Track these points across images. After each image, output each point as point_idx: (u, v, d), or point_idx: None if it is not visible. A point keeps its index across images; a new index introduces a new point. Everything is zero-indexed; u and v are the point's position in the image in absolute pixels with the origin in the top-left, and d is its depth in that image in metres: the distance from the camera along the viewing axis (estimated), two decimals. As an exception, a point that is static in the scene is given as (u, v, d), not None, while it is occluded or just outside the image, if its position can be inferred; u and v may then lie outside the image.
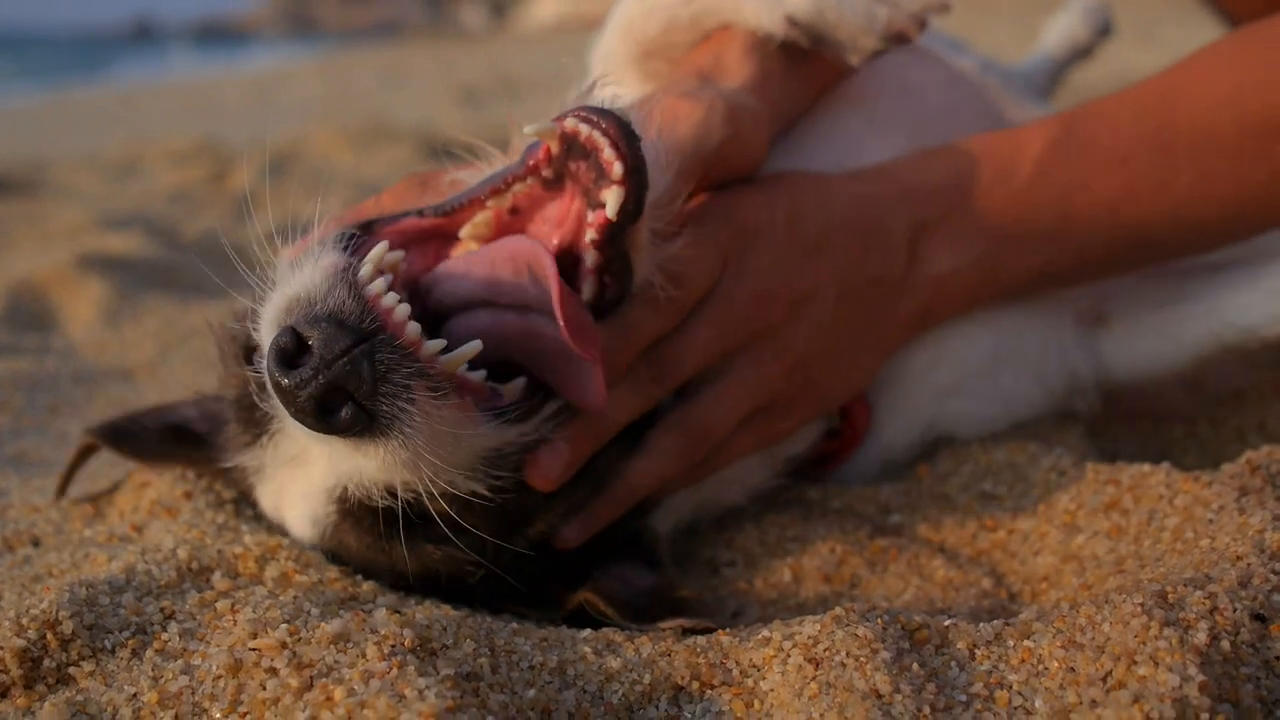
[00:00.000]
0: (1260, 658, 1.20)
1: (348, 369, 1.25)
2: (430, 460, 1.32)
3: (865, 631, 1.29)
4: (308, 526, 1.56)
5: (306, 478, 1.51)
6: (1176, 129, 1.72)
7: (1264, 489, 1.48)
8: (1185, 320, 1.91)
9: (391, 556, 1.47)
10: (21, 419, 2.56)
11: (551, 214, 1.46)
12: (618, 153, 1.35)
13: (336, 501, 1.48)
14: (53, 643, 1.34)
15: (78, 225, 4.55)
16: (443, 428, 1.32)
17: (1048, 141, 1.76)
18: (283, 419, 1.41)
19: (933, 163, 1.79)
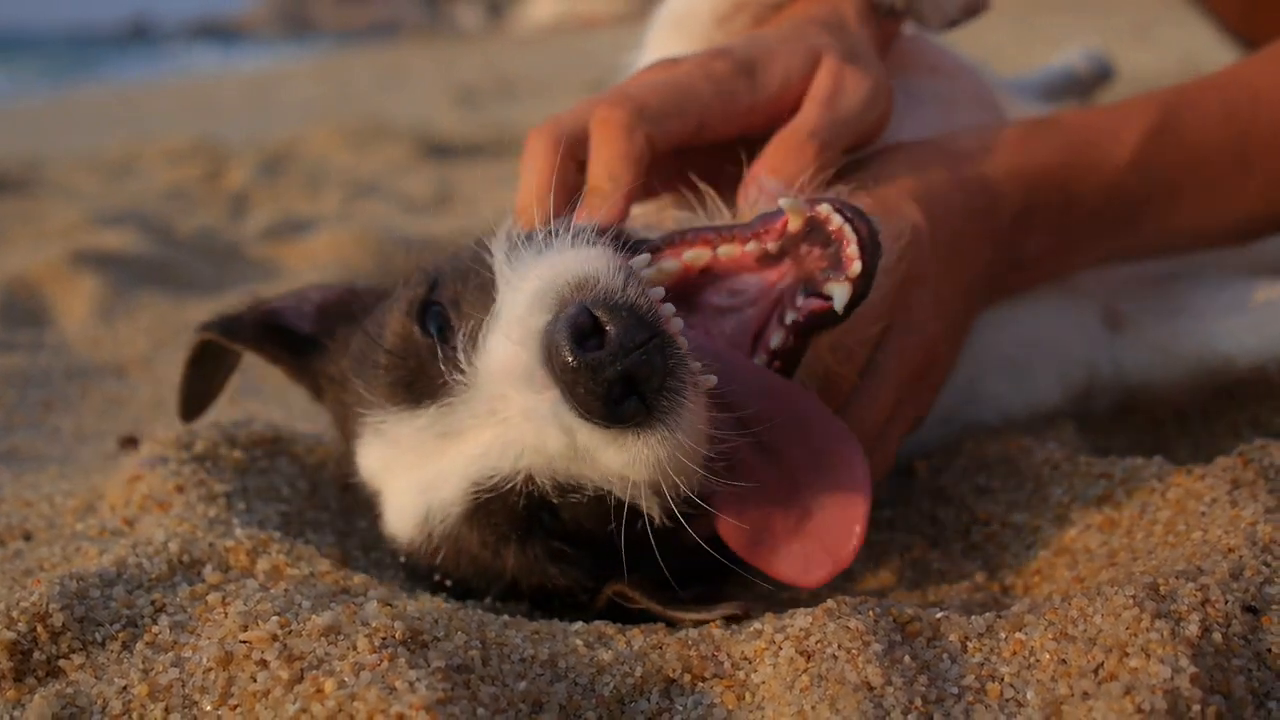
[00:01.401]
0: (1252, 649, 1.20)
1: (644, 359, 1.24)
2: (674, 467, 1.30)
3: (857, 624, 1.29)
4: (415, 519, 1.50)
5: (442, 462, 1.44)
6: (1258, 135, 1.76)
7: (1256, 482, 1.48)
8: (1178, 338, 1.95)
9: (505, 562, 1.46)
10: (14, 414, 2.55)
11: (743, 286, 1.46)
12: (862, 254, 1.36)
13: (474, 495, 1.43)
14: (43, 635, 1.34)
15: (73, 222, 4.55)
16: (694, 435, 1.31)
17: (1145, 132, 1.76)
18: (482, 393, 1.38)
19: (1038, 140, 1.77)
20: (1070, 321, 1.95)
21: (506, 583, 1.51)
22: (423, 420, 1.45)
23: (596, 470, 1.34)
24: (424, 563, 1.56)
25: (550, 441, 1.32)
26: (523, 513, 1.42)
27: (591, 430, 1.28)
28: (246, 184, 5.93)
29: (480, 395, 1.38)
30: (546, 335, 1.28)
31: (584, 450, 1.31)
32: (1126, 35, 6.92)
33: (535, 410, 1.31)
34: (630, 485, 1.33)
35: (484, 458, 1.39)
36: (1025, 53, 5.79)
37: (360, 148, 7.02)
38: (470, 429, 1.40)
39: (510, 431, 1.36)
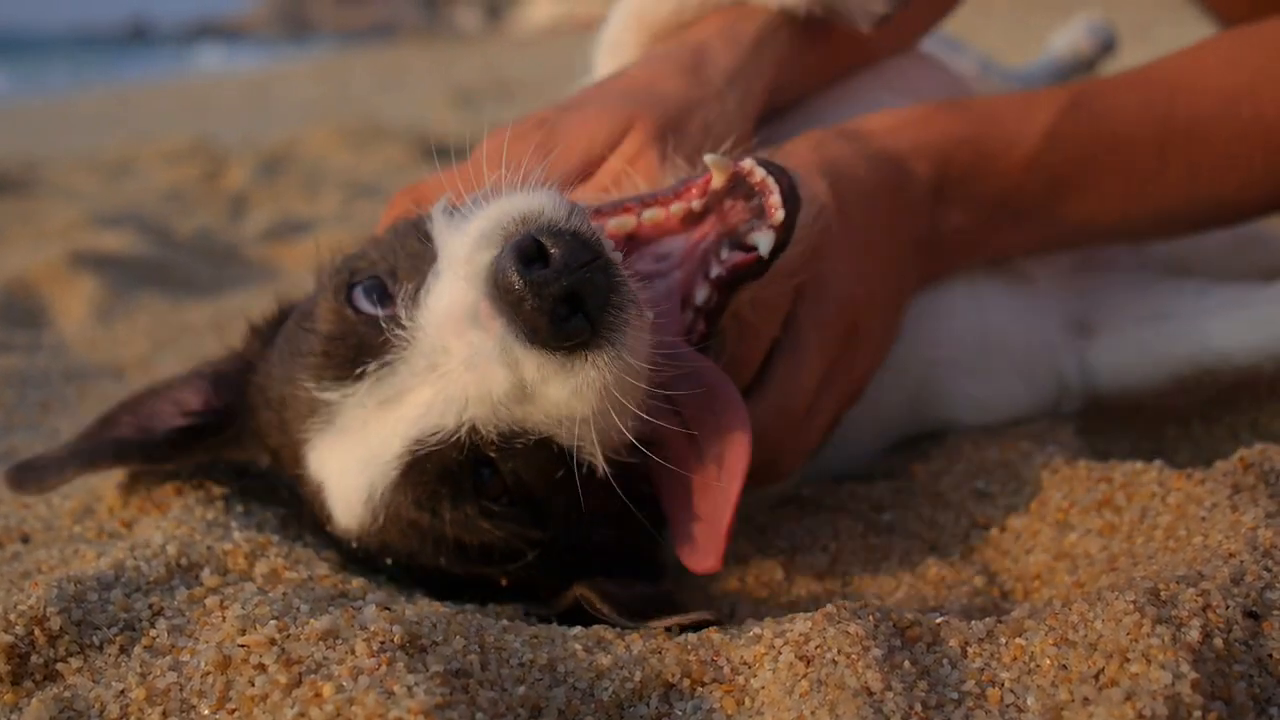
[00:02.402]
0: (1253, 655, 1.20)
1: (587, 277, 1.28)
2: (619, 394, 1.34)
3: (857, 629, 1.29)
4: (360, 498, 1.49)
5: (383, 431, 1.44)
6: (1175, 123, 1.79)
7: (1257, 486, 1.48)
8: (1167, 340, 1.95)
9: (442, 522, 1.45)
10: (13, 416, 2.55)
11: (669, 249, 1.50)
12: (784, 203, 1.41)
13: (410, 455, 1.43)
14: (40, 639, 1.34)
15: (71, 223, 4.55)
16: (638, 360, 1.34)
17: (1057, 112, 1.79)
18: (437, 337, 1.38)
19: (945, 116, 1.81)
20: (1032, 325, 1.96)
21: (448, 547, 1.49)
22: (362, 390, 1.45)
23: (542, 408, 1.36)
24: (373, 548, 1.56)
25: (495, 383, 1.34)
26: (459, 469, 1.43)
27: (538, 358, 1.31)
28: (245, 185, 5.93)
29: (420, 351, 1.40)
30: (493, 264, 1.31)
31: (530, 386, 1.34)
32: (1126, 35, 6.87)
33: (479, 350, 1.33)
34: (574, 424, 1.36)
35: (425, 416, 1.40)
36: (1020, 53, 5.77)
37: (359, 148, 7.02)
38: (411, 389, 1.41)
39: (452, 385, 1.38)
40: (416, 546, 1.51)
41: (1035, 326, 1.96)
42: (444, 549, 1.50)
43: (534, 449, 1.41)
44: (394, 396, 1.42)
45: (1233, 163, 1.80)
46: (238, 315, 3.21)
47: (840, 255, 1.65)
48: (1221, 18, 3.09)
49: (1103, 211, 1.84)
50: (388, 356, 1.42)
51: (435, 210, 1.50)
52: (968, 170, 1.77)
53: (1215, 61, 1.85)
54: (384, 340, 1.43)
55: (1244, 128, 1.78)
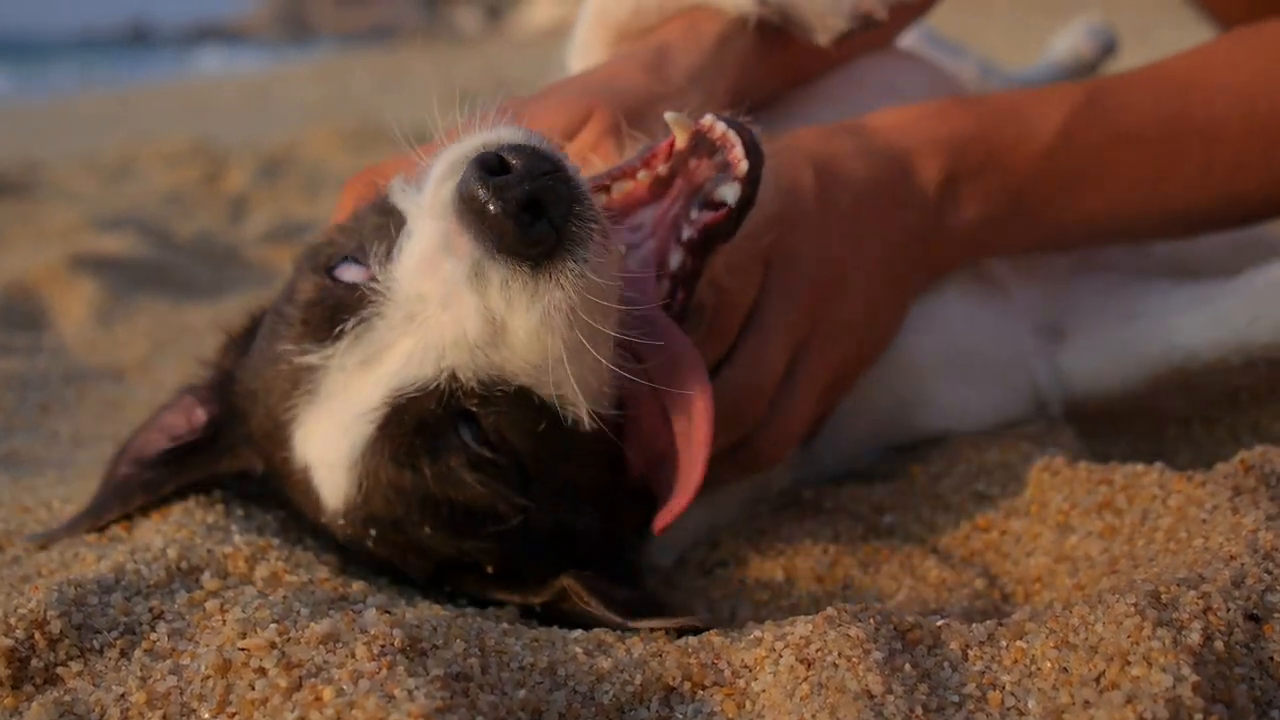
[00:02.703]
0: (1254, 658, 1.20)
1: (549, 184, 1.30)
2: (589, 323, 1.35)
3: (857, 632, 1.29)
4: (343, 466, 1.48)
5: (364, 391, 1.44)
6: (1189, 119, 1.79)
7: (1258, 488, 1.48)
8: (1136, 340, 1.94)
9: (424, 478, 1.45)
10: (13, 418, 2.55)
11: (641, 220, 1.51)
12: (747, 154, 1.43)
13: (387, 408, 1.43)
14: (41, 642, 1.34)
15: (71, 225, 4.55)
16: (607, 274, 1.36)
17: (1071, 109, 1.79)
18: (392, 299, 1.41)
19: (958, 112, 1.81)
20: (1004, 332, 1.95)
21: (430, 512, 1.48)
22: (342, 349, 1.45)
23: (515, 348, 1.37)
24: (359, 524, 1.53)
25: (468, 317, 1.36)
26: (437, 421, 1.42)
27: (504, 271, 1.32)
28: (245, 186, 5.93)
29: (396, 303, 1.41)
30: (457, 187, 1.33)
31: (498, 315, 1.35)
32: (1126, 38, 6.87)
33: (453, 282, 1.35)
34: (549, 369, 1.37)
35: (404, 368, 1.41)
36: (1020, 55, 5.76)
37: (359, 150, 7.01)
38: (390, 344, 1.42)
39: (430, 331, 1.39)
40: (400, 513, 1.49)
41: (1007, 333, 1.95)
42: (427, 514, 1.48)
43: (514, 400, 1.41)
44: (374, 354, 1.43)
45: (1250, 159, 1.79)
46: (238, 317, 3.22)
47: (813, 237, 1.65)
48: (1220, 20, 3.09)
49: (1116, 208, 1.84)
50: (365, 313, 1.44)
51: (392, 185, 1.52)
52: (980, 166, 1.77)
53: (1230, 58, 1.85)
54: (360, 298, 1.44)
55: (1261, 124, 1.78)
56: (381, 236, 1.47)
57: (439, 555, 1.54)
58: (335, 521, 1.56)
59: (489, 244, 1.32)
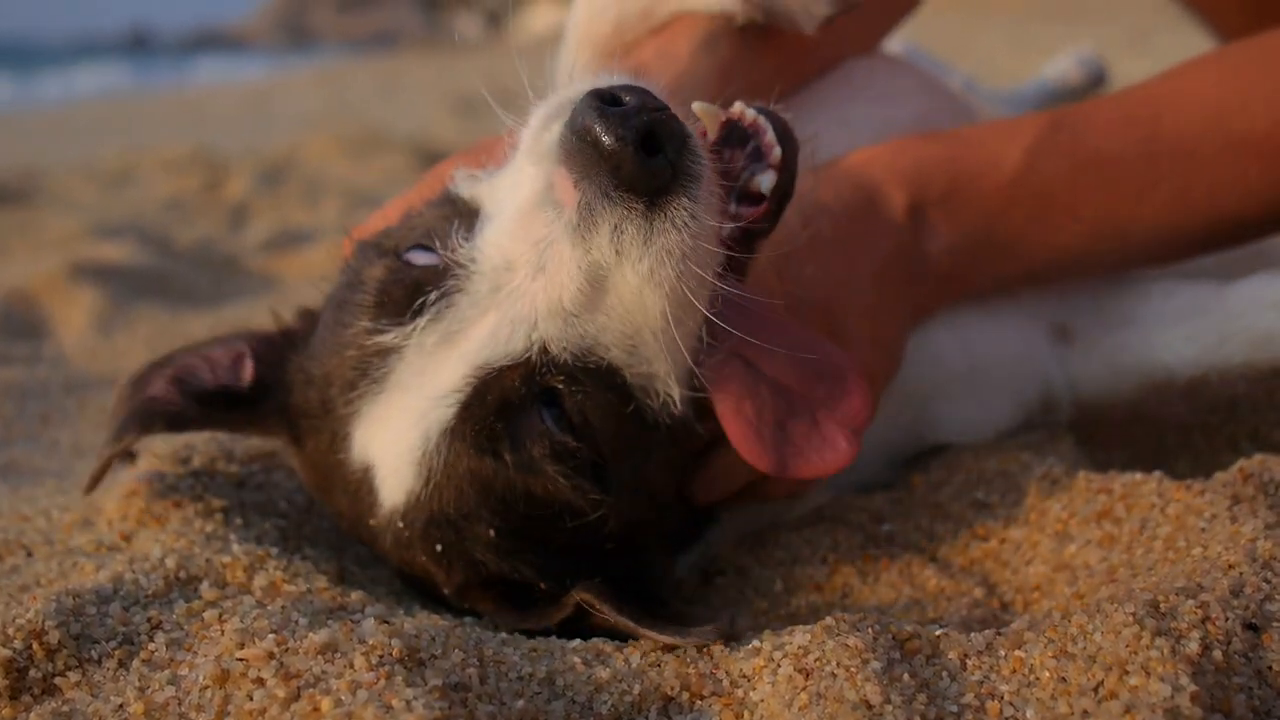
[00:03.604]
0: (1253, 667, 1.20)
1: (665, 118, 1.27)
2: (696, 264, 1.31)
3: (856, 641, 1.29)
4: (413, 457, 1.42)
5: (443, 372, 1.39)
6: (1162, 140, 1.77)
7: (1256, 497, 1.48)
8: (1125, 350, 1.95)
9: (509, 471, 1.38)
10: (12, 427, 2.55)
11: None
12: (780, 141, 1.40)
13: (469, 388, 1.38)
14: (39, 653, 1.34)
15: (71, 234, 4.56)
16: (717, 219, 1.33)
17: (1038, 133, 1.78)
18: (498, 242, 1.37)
19: (920, 141, 1.80)
20: (1018, 337, 1.95)
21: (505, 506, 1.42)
22: (421, 327, 1.40)
23: (616, 309, 1.34)
24: (421, 524, 1.46)
25: (567, 281, 1.32)
26: (522, 401, 1.37)
27: (619, 214, 1.29)
28: (245, 194, 5.93)
29: (483, 274, 1.37)
30: (566, 125, 1.29)
31: (605, 269, 1.31)
32: (1122, 44, 6.89)
33: (550, 241, 1.32)
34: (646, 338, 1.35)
35: (489, 344, 1.37)
36: (1019, 61, 5.79)
37: (359, 157, 7.02)
38: (473, 319, 1.38)
39: (519, 301, 1.35)
40: (471, 507, 1.43)
41: (1019, 338, 1.95)
42: (499, 512, 1.42)
43: (602, 377, 1.37)
44: (455, 330, 1.39)
45: (1227, 178, 1.77)
46: (238, 325, 3.22)
47: (850, 309, 1.65)
48: (1218, 28, 3.09)
49: (1092, 235, 1.82)
50: (446, 287, 1.39)
51: (459, 177, 1.50)
52: (946, 191, 1.76)
53: (1203, 77, 1.83)
54: (440, 274, 1.40)
55: (1236, 141, 1.76)
56: (454, 222, 1.44)
57: (488, 570, 1.49)
58: (390, 524, 1.49)
59: (603, 181, 1.27)
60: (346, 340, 1.46)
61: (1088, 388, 1.97)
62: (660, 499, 1.53)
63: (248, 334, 1.72)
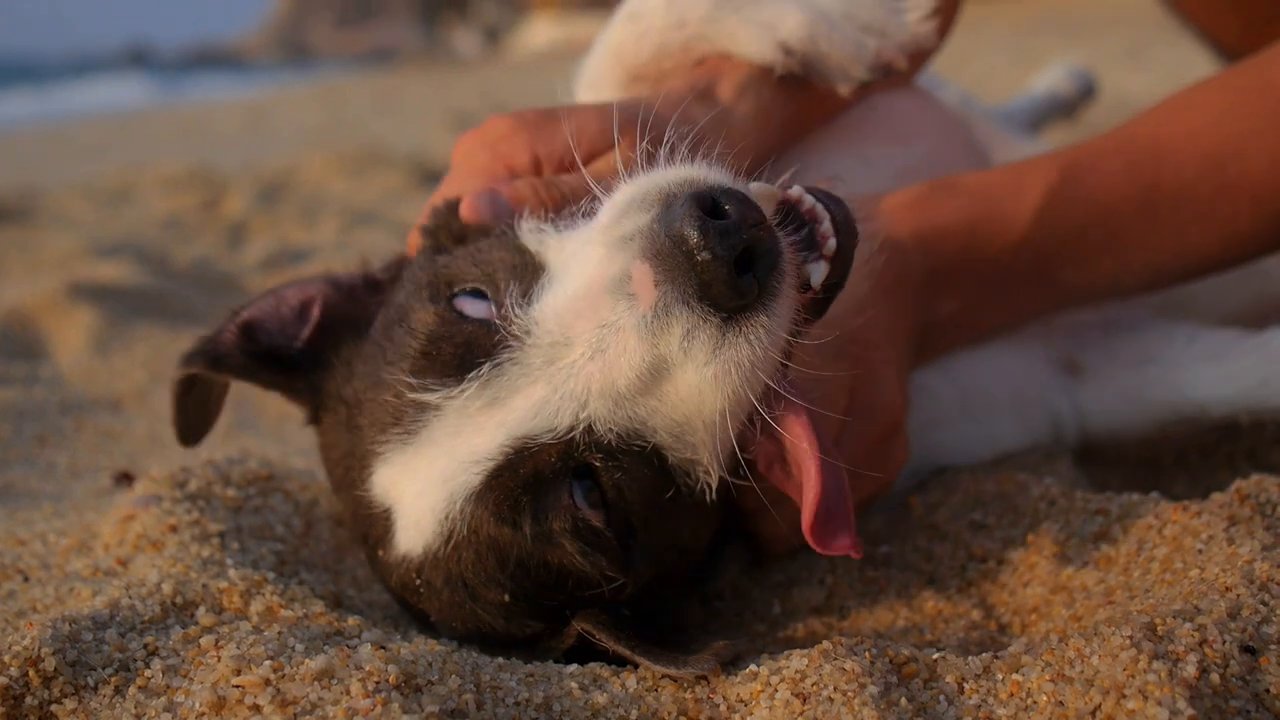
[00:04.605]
0: (1250, 690, 1.20)
1: (760, 234, 1.24)
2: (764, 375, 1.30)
3: (853, 665, 1.28)
4: (436, 513, 1.40)
5: (480, 437, 1.36)
6: (1162, 189, 1.79)
7: (1253, 518, 1.48)
8: (1150, 386, 1.97)
9: (523, 536, 1.36)
10: (9, 449, 2.55)
11: None
12: (836, 233, 1.35)
13: (503, 458, 1.35)
14: (35, 680, 1.33)
15: (69, 253, 4.56)
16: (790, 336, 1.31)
17: (1047, 190, 1.79)
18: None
19: (938, 202, 1.79)
20: (1025, 369, 1.97)
21: (519, 576, 1.40)
22: (469, 391, 1.37)
23: (671, 400, 1.31)
24: (435, 581, 1.45)
25: (626, 367, 1.29)
26: (553, 476, 1.36)
27: (693, 321, 1.26)
28: (243, 212, 5.94)
29: (537, 345, 1.34)
30: (655, 222, 1.27)
31: (669, 362, 1.29)
32: (1119, 58, 6.90)
33: (614, 328, 1.29)
34: (698, 430, 1.33)
35: (534, 416, 1.34)
36: (1017, 77, 5.80)
37: (357, 175, 7.02)
38: (522, 389, 1.35)
39: (572, 379, 1.32)
40: (487, 574, 1.41)
41: (1024, 371, 1.96)
42: (515, 579, 1.41)
43: (644, 459, 1.35)
44: (502, 397, 1.36)
45: (1220, 220, 1.79)
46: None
47: (884, 358, 1.65)
48: (1216, 43, 3.10)
49: (1092, 278, 1.85)
50: (500, 356, 1.36)
51: (522, 225, 1.47)
52: (959, 258, 1.77)
53: (1202, 119, 1.84)
54: (495, 339, 1.37)
55: (1231, 185, 1.78)
56: (515, 276, 1.41)
57: (497, 631, 1.48)
58: (401, 567, 1.48)
59: (688, 289, 1.25)
60: (386, 381, 1.45)
61: (1103, 421, 1.99)
62: (689, 558, 1.53)
63: (327, 278, 1.73)
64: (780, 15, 1.80)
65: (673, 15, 1.85)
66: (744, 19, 1.81)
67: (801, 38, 1.80)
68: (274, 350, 1.69)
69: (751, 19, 1.81)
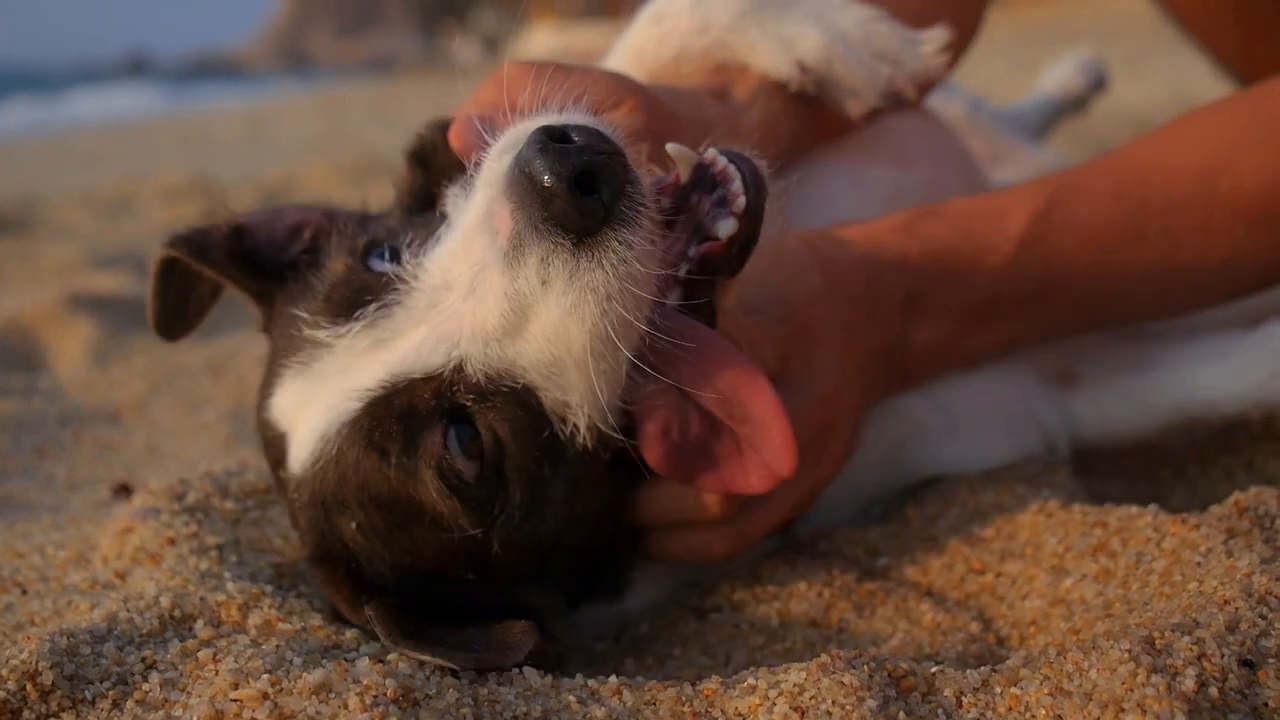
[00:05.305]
0: (1248, 704, 1.20)
1: (606, 161, 1.28)
2: (620, 305, 1.32)
3: (851, 679, 1.28)
4: (316, 434, 1.48)
5: (365, 372, 1.44)
6: (1151, 210, 1.78)
7: (1251, 531, 1.48)
8: (1154, 388, 1.97)
9: (389, 471, 1.43)
10: (8, 461, 2.54)
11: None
12: (746, 190, 1.41)
13: (381, 390, 1.42)
14: (32, 694, 1.33)
15: (68, 263, 4.56)
16: (648, 265, 1.33)
17: (1031, 216, 1.78)
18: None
19: (922, 230, 1.79)
20: (1011, 381, 1.96)
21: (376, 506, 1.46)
22: (355, 329, 1.46)
23: (538, 335, 1.36)
24: (308, 494, 1.52)
25: (492, 309, 1.36)
26: (426, 413, 1.42)
27: (546, 246, 1.31)
28: (243, 223, 5.92)
29: (422, 291, 1.42)
30: (514, 158, 1.31)
31: (529, 297, 1.34)
32: (1119, 68, 6.89)
33: (483, 265, 1.35)
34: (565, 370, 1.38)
35: (413, 355, 1.41)
36: (1017, 85, 5.79)
37: (357, 184, 7.00)
38: (405, 330, 1.43)
39: (448, 320, 1.40)
40: (344, 497, 1.48)
41: (1009, 383, 1.95)
42: (366, 508, 1.47)
43: (516, 400, 1.40)
44: (386, 338, 1.44)
45: (1213, 238, 1.78)
46: (234, 356, 3.22)
47: (828, 350, 1.65)
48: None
49: (1083, 305, 1.85)
50: (387, 299, 1.45)
51: (450, 195, 1.52)
52: (936, 285, 1.77)
53: (1192, 135, 1.84)
54: (386, 284, 1.46)
55: (1222, 202, 1.77)
56: (424, 235, 1.49)
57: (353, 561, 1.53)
58: (289, 487, 1.57)
59: (534, 213, 1.30)
60: (293, 316, 1.55)
61: (1100, 427, 1.99)
62: (567, 536, 1.53)
63: (326, 209, 1.83)
64: (801, 33, 1.85)
65: (697, 19, 1.88)
66: (765, 32, 1.86)
67: (818, 58, 1.85)
68: (258, 258, 1.77)
69: (773, 33, 1.86)
